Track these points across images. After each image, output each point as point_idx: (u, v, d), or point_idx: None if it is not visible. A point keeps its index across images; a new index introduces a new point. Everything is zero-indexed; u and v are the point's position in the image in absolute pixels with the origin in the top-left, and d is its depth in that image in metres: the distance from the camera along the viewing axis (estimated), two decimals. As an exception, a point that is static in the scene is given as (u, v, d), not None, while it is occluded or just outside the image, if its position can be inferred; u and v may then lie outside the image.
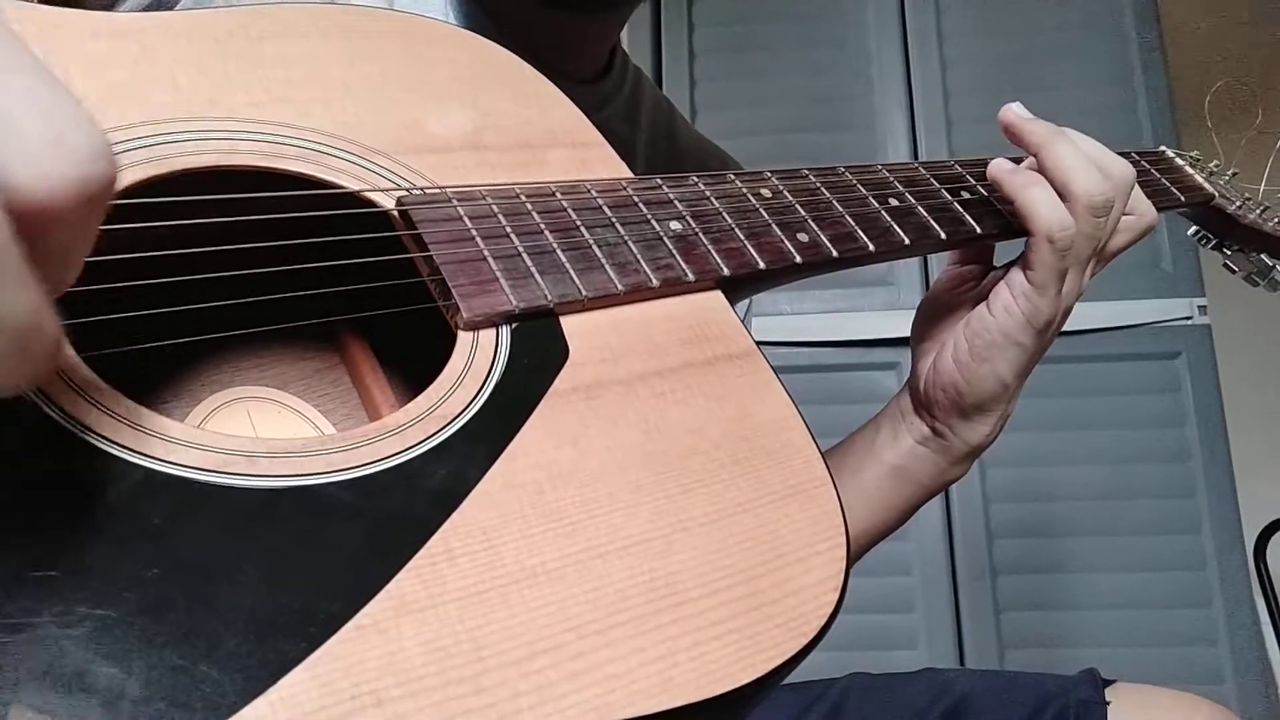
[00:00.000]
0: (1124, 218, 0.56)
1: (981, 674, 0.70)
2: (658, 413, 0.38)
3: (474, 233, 0.40)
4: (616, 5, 0.63)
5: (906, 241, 0.51)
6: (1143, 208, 0.58)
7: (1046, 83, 1.68)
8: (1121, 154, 0.65)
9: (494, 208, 0.42)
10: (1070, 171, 0.52)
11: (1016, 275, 0.54)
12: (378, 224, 0.40)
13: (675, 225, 0.45)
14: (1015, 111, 0.55)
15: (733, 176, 0.50)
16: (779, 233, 0.48)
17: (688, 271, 0.43)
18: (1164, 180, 0.65)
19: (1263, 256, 0.72)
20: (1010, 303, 0.54)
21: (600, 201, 0.44)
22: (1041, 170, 0.53)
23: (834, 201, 0.51)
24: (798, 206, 0.50)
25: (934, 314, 0.60)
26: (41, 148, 0.20)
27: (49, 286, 0.22)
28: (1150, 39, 1.68)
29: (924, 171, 0.56)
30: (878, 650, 1.52)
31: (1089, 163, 0.52)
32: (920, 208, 0.53)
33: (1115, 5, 1.71)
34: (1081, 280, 0.55)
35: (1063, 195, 0.52)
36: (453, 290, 0.38)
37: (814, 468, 0.39)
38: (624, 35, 0.72)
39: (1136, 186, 0.56)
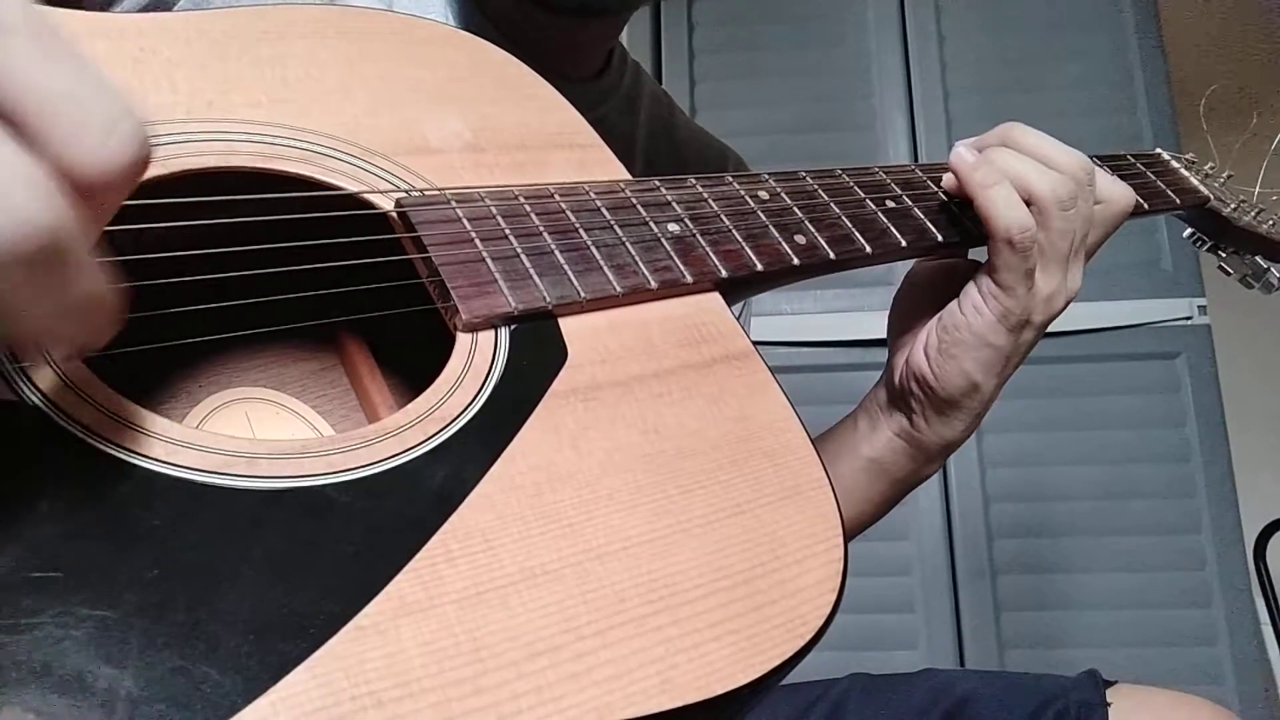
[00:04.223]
0: (1095, 208, 0.54)
1: (982, 675, 0.70)
2: (656, 414, 0.38)
3: (472, 234, 0.40)
4: (613, 10, 0.63)
5: (903, 243, 0.51)
6: (1114, 193, 0.56)
7: (1046, 83, 1.68)
8: (1117, 155, 0.65)
9: (492, 209, 0.42)
10: (1026, 176, 0.51)
11: (984, 276, 0.53)
12: (376, 226, 0.40)
13: (673, 227, 0.45)
14: (958, 153, 0.53)
15: (730, 179, 0.50)
16: (776, 234, 0.48)
17: (686, 273, 0.43)
18: (1160, 183, 0.65)
19: (1258, 259, 0.72)
20: (979, 302, 0.53)
21: (598, 203, 0.45)
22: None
23: (831, 203, 0.51)
24: (795, 209, 0.50)
25: (912, 305, 0.59)
26: (99, 134, 0.23)
27: None
28: (1150, 39, 1.68)
29: (921, 174, 0.56)
30: (878, 650, 1.52)
31: (1038, 163, 0.51)
32: (917, 209, 0.53)
33: (1115, 5, 1.71)
34: (1064, 279, 0.53)
35: (1027, 198, 0.51)
36: (451, 292, 0.38)
37: (811, 469, 0.39)
38: (623, 34, 0.72)
39: (1101, 174, 0.55)
